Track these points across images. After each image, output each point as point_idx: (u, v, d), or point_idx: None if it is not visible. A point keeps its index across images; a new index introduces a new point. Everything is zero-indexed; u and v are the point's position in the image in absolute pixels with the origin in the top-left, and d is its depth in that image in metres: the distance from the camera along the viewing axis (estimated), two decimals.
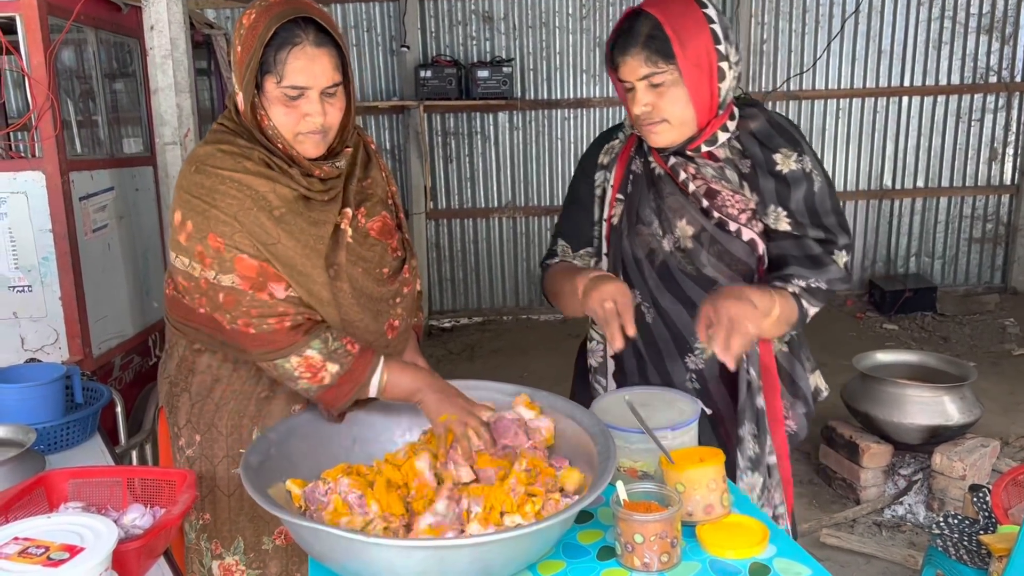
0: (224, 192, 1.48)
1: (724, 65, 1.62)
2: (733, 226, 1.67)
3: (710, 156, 1.70)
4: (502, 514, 1.33)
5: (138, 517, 1.50)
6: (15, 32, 2.58)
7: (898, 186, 6.93)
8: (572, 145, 6.69)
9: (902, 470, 3.58)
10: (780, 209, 1.66)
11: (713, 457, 1.44)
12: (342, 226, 1.58)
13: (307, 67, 1.44)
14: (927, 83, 6.71)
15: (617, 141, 1.84)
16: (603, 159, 1.83)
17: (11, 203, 2.62)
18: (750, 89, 6.51)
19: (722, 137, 1.68)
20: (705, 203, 1.67)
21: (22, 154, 3.00)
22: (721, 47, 1.61)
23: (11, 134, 3.54)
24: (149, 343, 3.29)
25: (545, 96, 6.60)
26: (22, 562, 1.15)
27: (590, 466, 1.42)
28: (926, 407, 3.46)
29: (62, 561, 1.15)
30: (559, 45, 6.53)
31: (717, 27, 1.61)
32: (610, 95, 6.61)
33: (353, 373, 1.51)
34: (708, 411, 1.62)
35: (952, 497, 3.30)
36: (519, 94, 6.46)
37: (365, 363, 1.52)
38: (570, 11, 6.49)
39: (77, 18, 2.77)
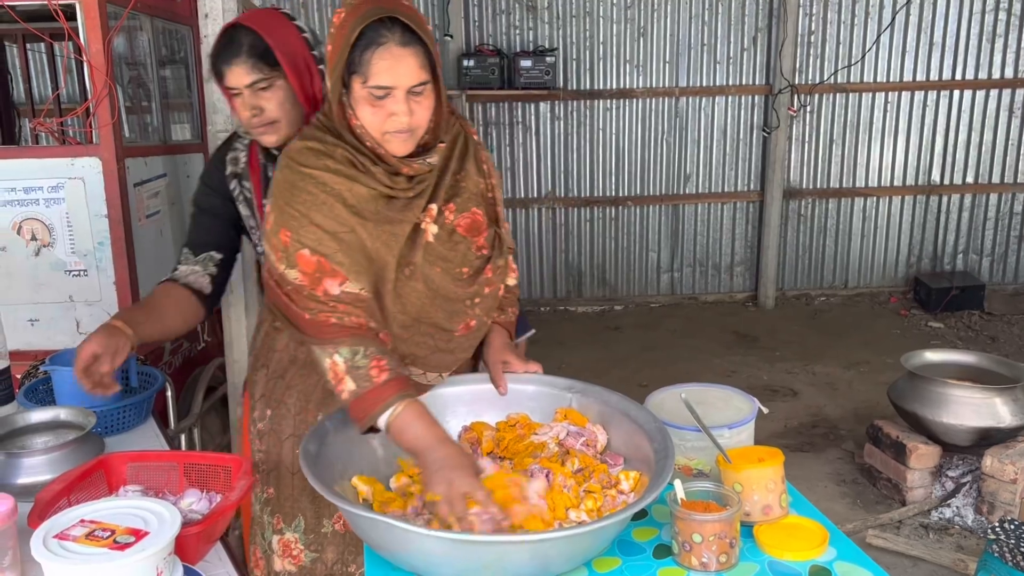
0: (302, 188, 1.50)
1: (324, 68, 1.77)
2: None
3: None
4: (566, 509, 1.33)
5: (195, 502, 1.52)
6: (74, 19, 2.62)
7: (946, 182, 6.78)
8: (613, 136, 6.64)
9: (950, 472, 3.52)
10: None
11: (772, 457, 1.42)
12: (422, 225, 1.57)
13: (392, 67, 1.43)
14: (979, 77, 6.55)
15: (240, 152, 1.92)
16: (231, 169, 1.92)
17: (69, 188, 2.66)
18: (796, 81, 6.40)
19: None
20: None
21: (76, 140, 3.04)
22: (316, 52, 1.81)
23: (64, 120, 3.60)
24: (198, 328, 3.33)
25: (587, 86, 6.55)
26: (89, 544, 1.17)
27: (645, 463, 1.41)
28: (977, 408, 3.39)
29: (128, 545, 1.17)
30: (602, 35, 6.48)
31: (308, 36, 1.81)
32: (653, 86, 6.54)
33: (364, 401, 1.44)
34: (765, 410, 1.60)
35: (1002, 501, 3.24)
36: (561, 84, 6.42)
37: (379, 398, 1.43)
38: (614, 0, 6.43)
39: (134, 5, 2.81)
